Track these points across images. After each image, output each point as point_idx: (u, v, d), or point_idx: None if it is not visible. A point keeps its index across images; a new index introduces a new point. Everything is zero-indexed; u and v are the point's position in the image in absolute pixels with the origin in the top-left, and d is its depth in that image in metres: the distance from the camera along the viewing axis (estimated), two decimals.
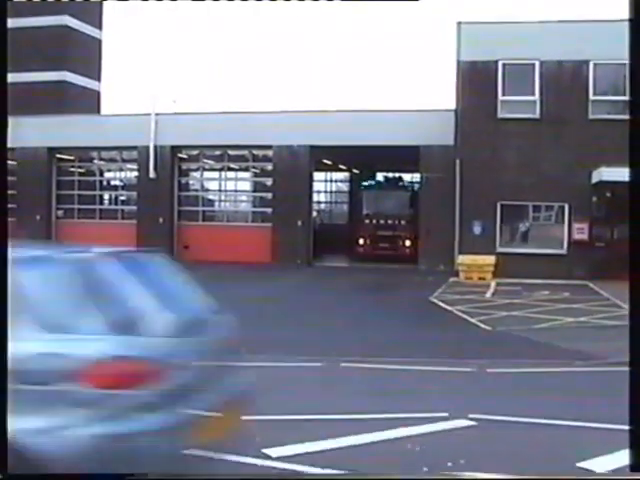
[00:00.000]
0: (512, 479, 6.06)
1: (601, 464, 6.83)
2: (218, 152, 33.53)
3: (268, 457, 7.08)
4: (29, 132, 31.84)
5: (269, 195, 32.10)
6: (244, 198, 35.03)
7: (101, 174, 35.85)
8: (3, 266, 4.97)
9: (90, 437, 4.81)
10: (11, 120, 6.05)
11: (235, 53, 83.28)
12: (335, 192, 45.68)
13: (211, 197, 34.91)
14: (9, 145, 5.40)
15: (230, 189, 34.45)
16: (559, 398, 9.91)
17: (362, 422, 8.41)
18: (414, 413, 8.67)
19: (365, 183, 35.90)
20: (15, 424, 4.64)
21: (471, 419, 8.46)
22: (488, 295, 21.72)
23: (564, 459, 7.11)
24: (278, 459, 7.03)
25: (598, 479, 4.78)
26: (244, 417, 6.23)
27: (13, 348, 4.76)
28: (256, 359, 12.17)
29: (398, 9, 72.13)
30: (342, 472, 6.71)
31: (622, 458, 6.10)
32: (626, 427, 4.90)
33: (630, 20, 5.27)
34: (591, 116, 25.88)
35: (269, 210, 31.88)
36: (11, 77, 5.18)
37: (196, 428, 5.32)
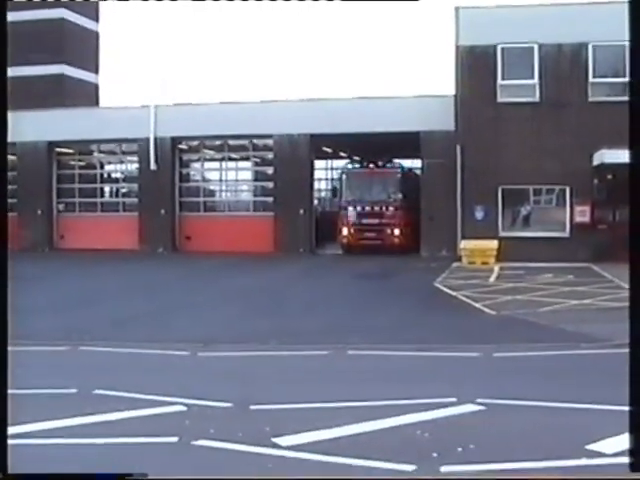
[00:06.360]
0: (515, 479, 6.07)
1: (609, 445, 6.83)
2: (218, 142, 33.49)
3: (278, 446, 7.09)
4: (28, 126, 31.83)
5: (270, 184, 32.07)
6: (245, 188, 34.99)
7: (101, 167, 35.82)
8: (3, 266, 4.88)
9: None
10: (10, 114, 6.00)
11: (234, 42, 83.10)
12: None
13: (212, 187, 34.89)
14: (9, 139, 5.32)
15: (231, 179, 34.42)
16: (566, 381, 9.92)
17: (370, 409, 8.41)
18: (422, 399, 8.67)
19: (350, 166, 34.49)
20: None
21: (479, 404, 8.47)
22: (492, 279, 21.72)
23: (573, 441, 7.12)
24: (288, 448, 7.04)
25: (598, 479, 4.78)
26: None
27: None
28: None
29: None
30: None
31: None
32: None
33: (629, 1, 5.24)
34: (591, 98, 25.83)
35: (270, 199, 31.85)
36: (9, 71, 5.17)
37: None
